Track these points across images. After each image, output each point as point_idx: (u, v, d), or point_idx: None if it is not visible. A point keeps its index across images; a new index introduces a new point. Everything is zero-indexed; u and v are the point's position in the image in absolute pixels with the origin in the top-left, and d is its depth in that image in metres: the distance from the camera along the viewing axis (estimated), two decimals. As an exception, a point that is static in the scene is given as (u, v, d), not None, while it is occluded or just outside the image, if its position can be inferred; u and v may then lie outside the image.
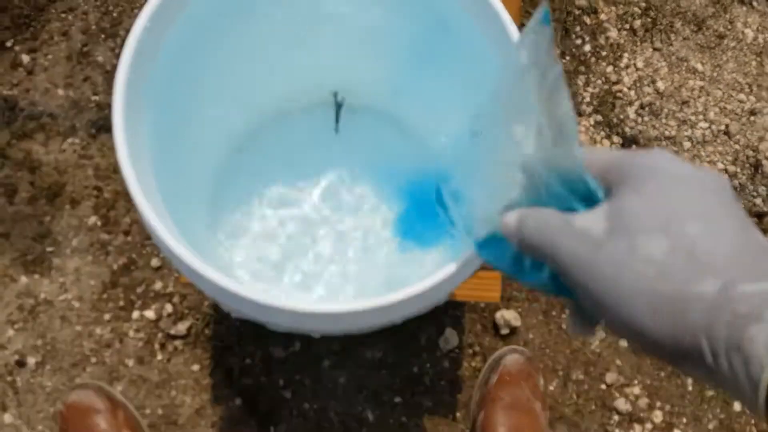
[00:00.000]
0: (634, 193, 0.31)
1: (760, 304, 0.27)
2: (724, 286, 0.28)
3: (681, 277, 0.28)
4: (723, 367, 0.27)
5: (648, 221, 0.30)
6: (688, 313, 0.28)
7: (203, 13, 0.57)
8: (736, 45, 1.11)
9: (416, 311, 0.51)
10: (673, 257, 0.29)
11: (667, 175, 0.31)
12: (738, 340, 0.26)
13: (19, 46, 1.06)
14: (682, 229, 0.29)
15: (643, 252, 0.29)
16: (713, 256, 0.28)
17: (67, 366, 0.96)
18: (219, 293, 0.48)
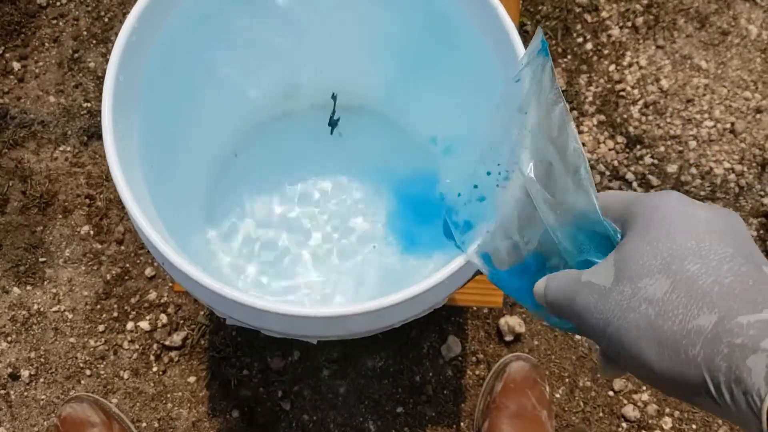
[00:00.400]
0: (639, 236, 0.32)
1: (756, 334, 0.27)
2: (720, 319, 0.28)
3: (680, 314, 0.29)
4: (726, 399, 0.27)
5: (649, 264, 0.31)
6: (688, 348, 0.29)
7: (193, 15, 0.55)
8: (740, 42, 1.09)
9: (414, 315, 0.49)
10: (672, 295, 0.30)
11: (671, 216, 0.32)
12: (737, 371, 0.27)
13: (10, 54, 1.04)
14: (682, 267, 0.30)
15: (645, 294, 0.31)
16: (710, 291, 0.29)
17: (61, 378, 0.94)
18: (211, 298, 0.46)
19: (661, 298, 0.30)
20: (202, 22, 0.56)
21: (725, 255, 0.30)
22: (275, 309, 0.43)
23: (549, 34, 1.09)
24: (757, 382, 0.26)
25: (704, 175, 1.03)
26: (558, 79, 1.05)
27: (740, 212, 1.02)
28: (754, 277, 0.29)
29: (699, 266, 0.30)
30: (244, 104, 0.71)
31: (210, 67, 0.62)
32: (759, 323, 0.27)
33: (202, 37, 0.58)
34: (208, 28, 0.58)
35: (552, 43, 1.08)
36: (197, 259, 0.58)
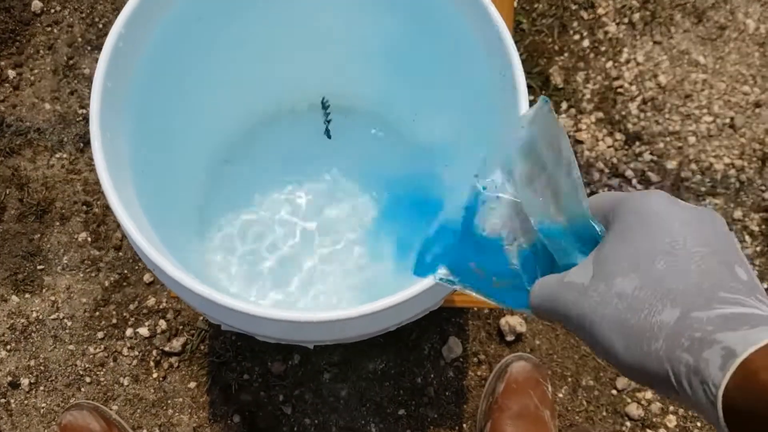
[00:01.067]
0: (616, 236, 0.34)
1: (713, 329, 0.28)
2: (682, 314, 0.30)
3: (645, 309, 0.31)
4: (686, 391, 0.29)
5: (622, 262, 0.33)
6: (651, 342, 0.30)
7: (181, 19, 0.55)
8: (738, 36, 1.09)
9: (409, 318, 0.49)
10: (640, 292, 0.31)
11: (649, 216, 0.33)
12: (695, 364, 0.28)
13: (5, 62, 1.04)
14: (651, 265, 0.32)
15: (617, 290, 0.32)
16: (675, 288, 0.31)
17: (61, 386, 0.93)
18: (203, 304, 0.45)
19: (630, 293, 0.31)
20: (190, 26, 0.56)
21: (696, 254, 0.31)
22: (268, 315, 0.43)
23: (545, 31, 1.08)
24: (713, 373, 0.28)
25: (704, 171, 1.03)
26: (555, 77, 1.04)
27: (741, 208, 1.01)
28: (720, 276, 0.31)
29: (668, 265, 0.31)
30: (236, 108, 0.71)
31: (200, 72, 0.61)
32: (717, 318, 0.29)
33: (191, 41, 0.57)
34: (197, 33, 0.57)
35: (548, 41, 1.08)
36: (192, 264, 0.58)
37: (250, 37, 0.62)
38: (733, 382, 0.27)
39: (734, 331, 0.28)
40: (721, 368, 0.27)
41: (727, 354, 0.28)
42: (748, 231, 1.01)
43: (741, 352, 0.27)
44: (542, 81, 1.06)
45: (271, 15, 0.62)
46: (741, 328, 0.28)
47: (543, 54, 1.07)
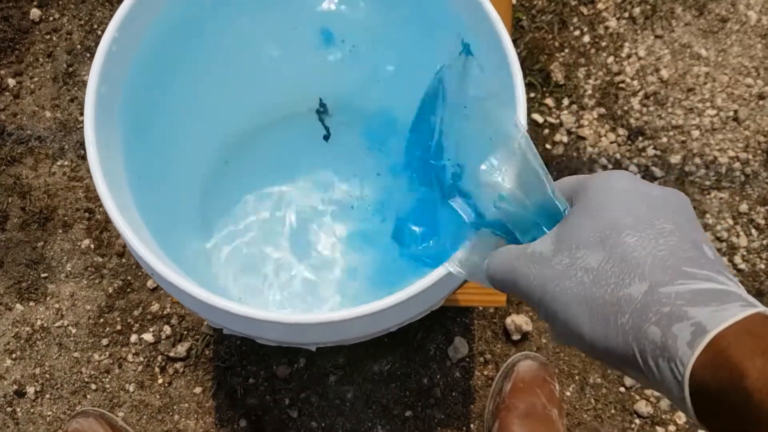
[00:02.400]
0: (581, 210, 0.33)
1: (683, 303, 0.27)
2: (650, 288, 0.29)
3: (612, 283, 0.30)
4: (651, 367, 0.28)
5: (588, 236, 0.32)
6: (618, 316, 0.29)
7: (174, 23, 0.55)
8: (740, 28, 1.08)
9: (410, 318, 0.48)
10: (607, 265, 0.30)
11: (614, 191, 0.32)
12: (663, 339, 0.27)
13: (4, 70, 1.04)
14: (618, 239, 0.30)
15: (581, 263, 0.31)
16: (644, 262, 0.29)
17: (66, 394, 0.93)
18: (202, 308, 0.45)
19: (596, 267, 0.30)
20: (184, 28, 0.56)
21: (663, 230, 0.30)
22: (267, 317, 0.42)
23: (545, 28, 1.08)
24: (681, 348, 0.27)
25: (709, 165, 1.02)
26: (556, 74, 1.04)
27: (747, 200, 1.00)
28: (688, 252, 0.30)
29: (636, 239, 0.30)
30: (233, 110, 0.70)
31: (196, 74, 0.61)
32: (688, 293, 0.28)
33: (186, 43, 0.57)
34: (192, 35, 0.57)
35: (549, 38, 1.07)
36: (192, 268, 0.58)
37: (245, 39, 0.62)
38: (702, 360, 0.26)
39: (704, 306, 0.27)
40: (690, 345, 0.26)
41: (697, 330, 0.27)
42: (754, 224, 1.00)
43: (712, 328, 0.26)
44: (543, 78, 1.05)
45: (266, 18, 0.62)
46: (711, 303, 0.27)
47: (543, 51, 1.07)
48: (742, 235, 0.99)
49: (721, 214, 1.00)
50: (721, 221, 1.00)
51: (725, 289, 0.28)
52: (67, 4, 1.07)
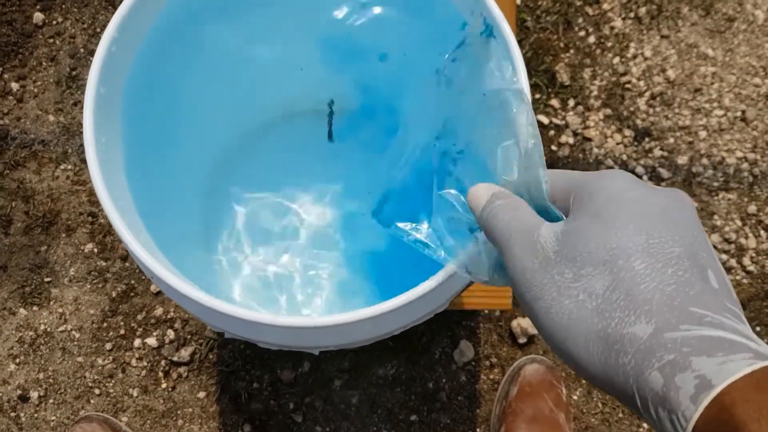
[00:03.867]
0: (589, 218, 0.31)
1: (689, 351, 0.26)
2: (655, 331, 0.27)
3: (617, 317, 0.28)
4: (652, 415, 0.27)
5: (596, 252, 0.30)
6: (620, 355, 0.28)
7: (176, 21, 0.54)
8: (747, 27, 1.07)
9: (413, 321, 0.47)
10: (613, 294, 0.29)
11: (622, 200, 0.31)
12: (665, 389, 0.26)
13: (8, 74, 1.04)
14: (627, 264, 0.29)
15: (585, 284, 0.29)
16: (651, 298, 0.28)
17: (70, 399, 0.93)
18: (202, 312, 0.45)
19: (602, 294, 0.29)
20: (185, 28, 0.55)
21: (672, 255, 0.29)
22: (268, 321, 0.42)
23: (550, 28, 1.07)
24: (683, 403, 0.25)
25: (716, 166, 1.01)
26: (562, 75, 1.03)
27: (756, 202, 0.99)
28: (695, 287, 0.28)
29: (645, 266, 0.29)
30: (234, 110, 0.70)
31: (197, 74, 0.60)
32: (693, 339, 0.26)
33: (186, 43, 0.57)
34: (192, 35, 0.56)
35: (554, 38, 1.06)
36: (194, 271, 0.57)
37: (246, 39, 0.62)
38: (705, 416, 0.25)
39: (710, 357, 0.26)
40: (693, 400, 0.25)
41: (701, 383, 0.25)
42: (763, 225, 0.99)
43: (718, 383, 0.25)
44: (548, 78, 1.04)
45: (269, 17, 0.61)
46: (717, 353, 0.26)
47: (548, 51, 1.06)
48: (750, 237, 0.98)
49: (730, 216, 0.99)
50: (729, 222, 0.99)
51: (732, 338, 0.27)
52: (70, 7, 1.06)
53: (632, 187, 0.31)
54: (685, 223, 0.30)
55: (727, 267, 0.97)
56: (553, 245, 0.31)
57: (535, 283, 0.31)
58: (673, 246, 0.29)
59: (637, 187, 0.32)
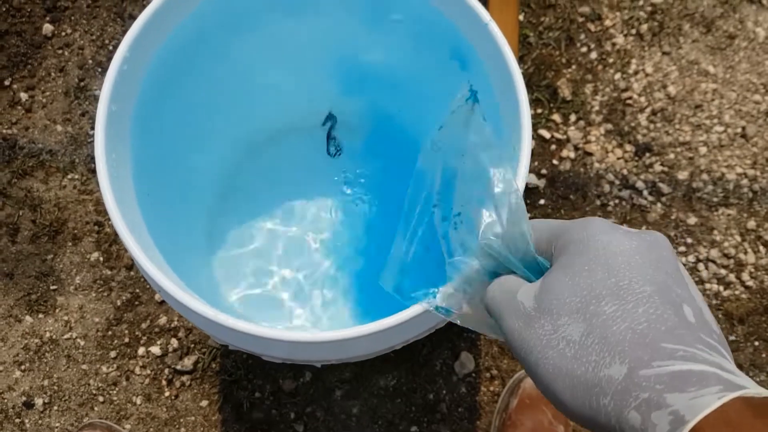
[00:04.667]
0: (561, 269, 0.32)
1: (662, 389, 0.27)
2: (630, 370, 0.28)
3: (593, 360, 0.29)
4: None
5: (569, 301, 0.31)
6: (600, 396, 0.29)
7: (186, 41, 0.56)
8: (747, 45, 1.08)
9: (415, 336, 0.48)
10: (588, 339, 0.30)
11: (594, 248, 0.32)
12: (642, 428, 0.27)
13: (17, 84, 1.05)
14: (598, 308, 0.30)
15: (563, 333, 0.31)
16: (623, 338, 0.29)
17: (74, 406, 0.94)
18: (207, 325, 0.45)
19: (578, 340, 0.30)
20: (194, 47, 0.56)
21: (643, 295, 0.30)
22: (272, 335, 0.43)
23: (552, 44, 1.08)
24: None
25: (716, 181, 1.02)
26: (563, 90, 1.04)
27: (755, 218, 1.00)
28: (668, 322, 0.29)
29: (615, 308, 0.30)
30: (243, 126, 0.71)
31: (205, 92, 0.62)
32: (665, 376, 0.27)
33: (196, 62, 0.58)
34: (201, 54, 0.58)
35: (556, 54, 1.08)
36: (199, 284, 0.58)
37: (253, 57, 0.63)
38: None
39: (682, 393, 0.27)
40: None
41: (675, 419, 0.26)
42: (762, 241, 0.99)
43: (690, 419, 0.26)
44: (550, 94, 1.05)
45: (274, 36, 0.62)
46: (689, 389, 0.27)
47: (550, 67, 1.07)
48: (749, 252, 0.99)
49: (729, 231, 1.00)
50: (728, 238, 1.00)
51: (704, 370, 0.27)
52: (79, 19, 1.08)
53: (603, 232, 0.32)
54: (658, 262, 0.31)
55: (726, 282, 0.98)
56: (532, 303, 0.33)
57: (523, 341, 0.32)
58: (643, 285, 0.30)
59: (609, 231, 0.32)
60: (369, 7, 0.60)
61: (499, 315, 0.35)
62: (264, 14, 0.59)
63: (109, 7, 1.09)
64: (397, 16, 0.60)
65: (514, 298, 0.34)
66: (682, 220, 1.00)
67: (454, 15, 0.55)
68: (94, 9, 1.09)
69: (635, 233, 0.33)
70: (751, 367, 0.95)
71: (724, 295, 0.98)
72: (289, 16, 0.61)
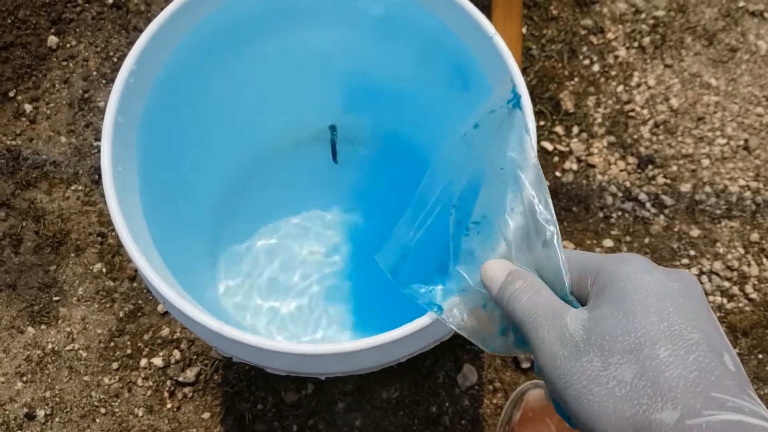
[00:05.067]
0: (612, 306, 0.32)
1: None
2: (681, 417, 0.29)
3: (645, 404, 0.30)
4: None
5: (622, 340, 0.31)
6: None
7: (192, 54, 0.56)
8: (749, 58, 1.08)
9: (420, 348, 0.48)
10: (640, 382, 0.30)
11: (644, 288, 0.32)
12: None
13: (22, 96, 1.06)
14: (653, 351, 0.30)
15: (614, 372, 0.31)
16: (676, 385, 0.29)
17: (76, 418, 0.93)
18: (212, 338, 0.45)
19: (630, 382, 0.30)
20: (200, 60, 0.57)
21: (692, 342, 0.30)
22: (277, 348, 0.43)
23: (555, 57, 1.08)
24: None
25: (719, 194, 1.02)
26: (566, 102, 1.04)
27: (758, 230, 1.00)
28: (715, 372, 0.30)
29: (668, 353, 0.30)
30: (247, 139, 0.71)
31: (210, 104, 0.62)
32: (717, 424, 0.28)
33: (201, 75, 0.58)
34: (207, 67, 0.58)
35: (558, 66, 1.08)
36: (204, 295, 0.58)
37: (258, 70, 0.63)
38: None
39: None
40: None
41: None
42: (765, 253, 0.99)
43: None
44: (553, 106, 1.06)
45: (279, 50, 0.63)
46: None
47: (553, 79, 1.07)
48: (753, 264, 0.99)
49: (732, 243, 1.00)
50: (732, 250, 0.99)
51: (752, 422, 0.28)
52: (84, 31, 1.09)
53: (648, 271, 0.33)
54: (699, 308, 0.32)
55: (730, 294, 0.98)
56: (580, 333, 0.32)
57: (565, 371, 0.32)
58: (691, 332, 0.31)
59: (652, 271, 0.33)
60: (373, 20, 0.60)
61: (533, 329, 0.34)
62: (269, 29, 0.60)
63: (114, 19, 1.09)
64: (401, 28, 0.60)
65: (557, 319, 0.34)
66: (685, 232, 1.00)
67: (459, 28, 0.55)
68: (98, 21, 1.09)
69: (672, 274, 0.33)
70: (755, 380, 0.95)
71: (728, 307, 0.97)
72: (294, 30, 0.61)
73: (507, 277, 0.36)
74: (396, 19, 0.59)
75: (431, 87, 0.64)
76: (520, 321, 0.35)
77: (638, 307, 0.32)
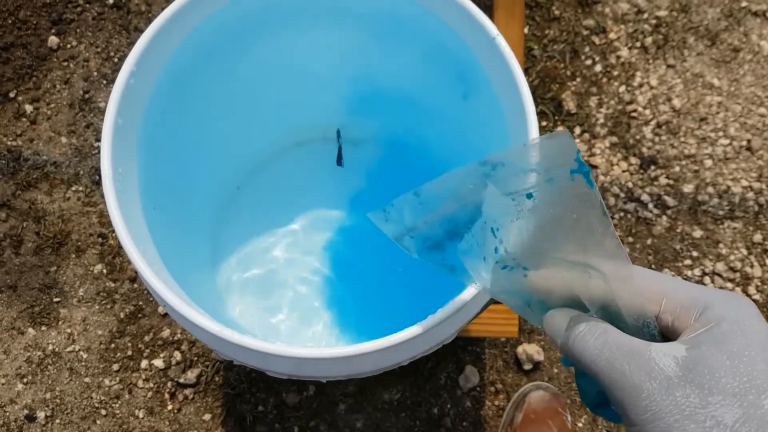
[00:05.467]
0: (716, 346, 0.32)
1: None
2: None
3: None
4: None
5: (725, 382, 0.31)
6: None
7: (192, 56, 0.55)
8: (752, 58, 1.08)
9: (422, 352, 0.48)
10: (743, 426, 0.30)
11: (751, 335, 0.32)
12: None
13: (22, 96, 1.05)
14: (758, 400, 0.30)
15: (714, 411, 0.30)
16: None
17: (76, 419, 0.93)
18: (213, 341, 0.45)
19: (731, 426, 0.30)
20: (200, 62, 0.56)
21: None
22: (278, 352, 0.42)
23: (557, 57, 1.08)
24: None
25: (722, 194, 1.01)
26: (568, 103, 1.04)
27: (761, 231, 1.00)
28: None
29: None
30: (248, 140, 0.71)
31: (210, 106, 0.62)
32: None
33: (202, 76, 0.58)
34: (207, 68, 0.58)
35: (560, 67, 1.08)
36: (204, 297, 0.58)
37: (260, 72, 0.63)
38: None
39: None
40: None
41: None
42: (769, 255, 0.99)
43: None
44: (555, 106, 1.05)
45: (281, 51, 0.62)
46: None
47: (555, 79, 1.07)
48: (756, 266, 0.98)
49: (735, 244, 0.99)
50: (734, 251, 0.99)
51: None
52: (85, 32, 1.08)
53: (758, 319, 0.33)
54: None
55: (733, 296, 0.97)
56: (674, 368, 0.32)
57: (655, 403, 0.31)
58: None
59: (760, 319, 0.33)
60: (376, 22, 0.60)
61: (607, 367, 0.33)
62: (269, 30, 0.59)
63: (115, 19, 1.09)
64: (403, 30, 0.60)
65: (640, 353, 0.32)
66: (688, 233, 1.00)
67: (461, 28, 0.54)
68: (99, 21, 1.09)
69: None
70: (758, 381, 0.95)
71: (731, 308, 0.97)
72: (294, 33, 0.61)
73: (569, 322, 0.35)
74: (398, 20, 0.58)
75: (434, 89, 0.64)
76: (590, 360, 0.34)
77: (745, 351, 0.31)
